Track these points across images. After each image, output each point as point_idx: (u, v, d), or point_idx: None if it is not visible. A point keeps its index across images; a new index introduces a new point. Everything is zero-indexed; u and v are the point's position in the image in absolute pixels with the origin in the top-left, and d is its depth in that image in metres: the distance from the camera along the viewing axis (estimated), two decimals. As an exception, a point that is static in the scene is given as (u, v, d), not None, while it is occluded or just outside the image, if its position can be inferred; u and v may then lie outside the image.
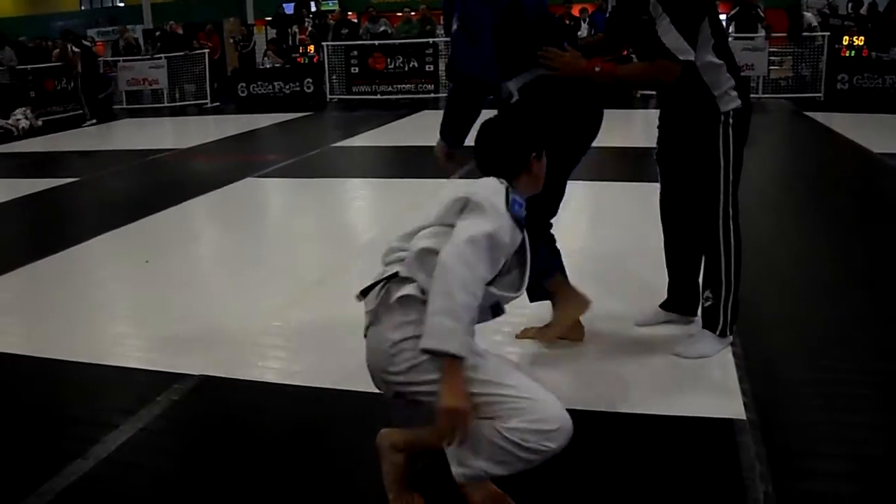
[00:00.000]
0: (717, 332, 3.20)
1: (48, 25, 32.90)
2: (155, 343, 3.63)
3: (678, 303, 3.51)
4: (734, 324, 3.22)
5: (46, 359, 3.45)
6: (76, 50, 14.57)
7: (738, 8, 14.84)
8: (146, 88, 16.84)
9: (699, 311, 3.33)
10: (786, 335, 3.50)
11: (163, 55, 16.46)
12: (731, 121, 3.06)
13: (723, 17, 17.14)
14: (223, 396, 3.08)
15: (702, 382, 2.99)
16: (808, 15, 15.62)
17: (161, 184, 7.89)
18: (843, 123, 10.49)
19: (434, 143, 3.30)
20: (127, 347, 3.61)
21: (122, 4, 39.85)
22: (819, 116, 11.42)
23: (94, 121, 14.06)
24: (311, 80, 15.54)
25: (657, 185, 3.43)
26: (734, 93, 3.07)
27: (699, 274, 3.38)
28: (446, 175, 4.10)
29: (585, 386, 2.95)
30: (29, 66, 14.80)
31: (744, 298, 3.21)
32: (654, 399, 2.86)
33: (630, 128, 10.52)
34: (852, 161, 8.23)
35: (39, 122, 13.46)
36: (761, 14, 14.93)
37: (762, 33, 13.97)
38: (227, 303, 4.14)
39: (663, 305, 3.55)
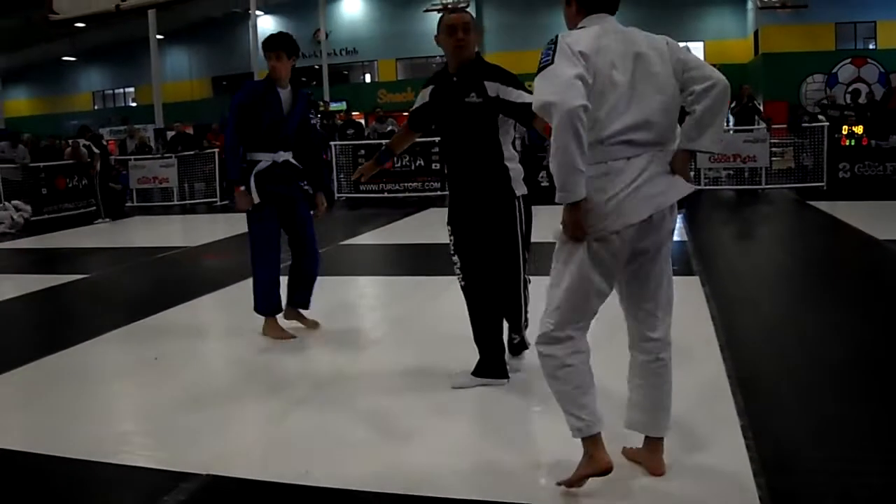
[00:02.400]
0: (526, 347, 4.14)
1: (62, 124, 33.78)
2: (161, 441, 3.59)
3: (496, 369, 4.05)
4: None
5: (50, 456, 3.40)
6: (96, 151, 14.76)
7: (734, 102, 15.17)
8: (156, 186, 17.11)
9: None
10: (801, 425, 3.44)
11: (173, 154, 16.78)
12: (521, 203, 3.92)
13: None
14: (230, 496, 3.03)
15: (716, 476, 2.93)
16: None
17: (170, 281, 7.95)
18: (846, 211, 10.57)
19: (437, 240, 3.43)
20: (133, 445, 3.57)
21: (134, 104, 40.95)
22: (823, 205, 11.51)
23: (108, 219, 14.27)
24: (318, 179, 15.70)
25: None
26: (523, 182, 3.95)
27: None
28: (454, 272, 4.15)
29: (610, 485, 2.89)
30: (42, 164, 15.10)
31: (755, 389, 3.18)
32: (667, 498, 2.80)
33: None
34: (858, 248, 8.26)
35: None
36: (758, 107, 15.25)
37: (762, 125, 14.21)
38: (234, 401, 4.10)
39: (476, 372, 4.05)
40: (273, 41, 4.99)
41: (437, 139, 15.45)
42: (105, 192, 14.67)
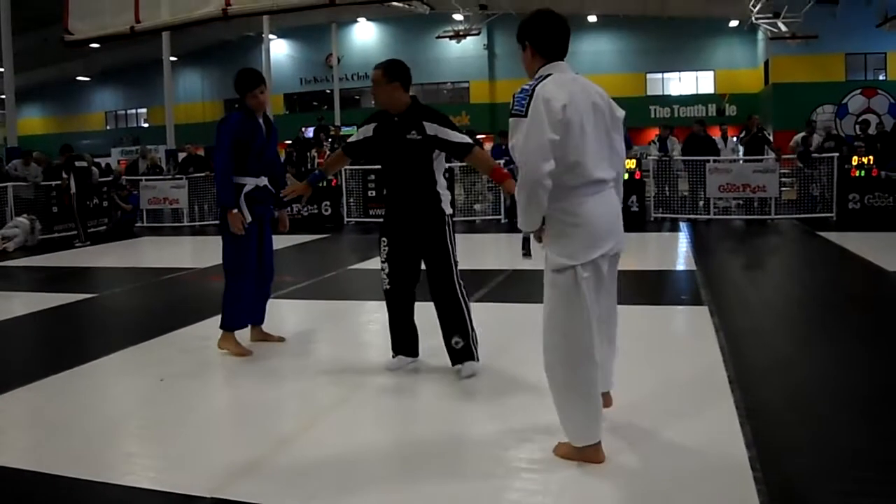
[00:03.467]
0: (476, 359, 4.65)
1: (74, 144, 34.00)
2: (166, 463, 3.59)
3: (410, 348, 4.90)
4: (477, 349, 4.68)
5: (55, 475, 3.40)
6: (65, 176, 14.20)
7: (744, 132, 15.17)
8: (167, 207, 17.18)
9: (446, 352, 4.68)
10: (810, 458, 3.42)
11: (184, 176, 16.87)
12: (449, 220, 4.67)
13: (734, 139, 17.54)
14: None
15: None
16: (816, 136, 15.94)
17: (177, 302, 7.95)
18: (856, 242, 10.54)
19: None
20: (137, 466, 3.57)
21: (146, 125, 41.29)
22: (832, 236, 11.47)
23: (88, 243, 13.88)
24: (328, 203, 15.80)
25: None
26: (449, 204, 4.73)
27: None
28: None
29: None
30: (53, 182, 15.19)
31: (764, 420, 3.15)
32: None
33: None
34: (868, 280, 8.22)
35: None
36: (768, 137, 15.22)
37: (771, 155, 14.19)
38: (240, 424, 4.10)
39: (404, 354, 4.87)
40: (257, 76, 5.46)
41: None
42: (82, 215, 14.26)
